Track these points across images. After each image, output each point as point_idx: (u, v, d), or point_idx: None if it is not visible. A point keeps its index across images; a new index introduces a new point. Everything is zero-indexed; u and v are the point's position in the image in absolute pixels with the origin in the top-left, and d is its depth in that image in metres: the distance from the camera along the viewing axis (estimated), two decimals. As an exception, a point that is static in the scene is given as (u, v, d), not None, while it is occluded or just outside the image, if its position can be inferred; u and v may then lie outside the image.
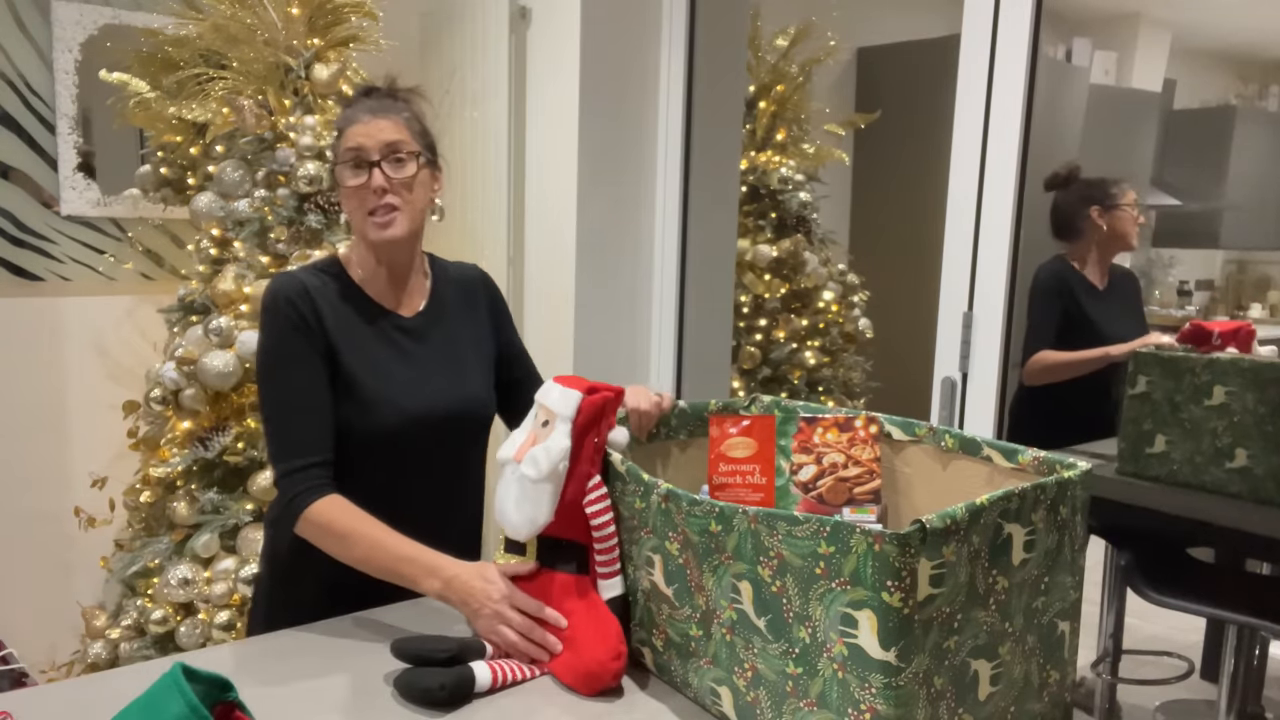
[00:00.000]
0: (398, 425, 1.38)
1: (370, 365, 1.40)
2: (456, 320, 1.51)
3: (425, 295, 1.50)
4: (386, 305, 1.45)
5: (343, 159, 1.38)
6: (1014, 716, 0.96)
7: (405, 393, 1.40)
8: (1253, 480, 1.80)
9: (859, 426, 1.21)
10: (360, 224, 1.39)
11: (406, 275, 1.46)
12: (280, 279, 1.39)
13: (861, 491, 1.21)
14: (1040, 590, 0.97)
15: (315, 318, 1.36)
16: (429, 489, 1.45)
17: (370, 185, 1.36)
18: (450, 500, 1.49)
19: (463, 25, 2.82)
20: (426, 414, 1.41)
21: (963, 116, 1.99)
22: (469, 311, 1.54)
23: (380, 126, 1.38)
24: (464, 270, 1.58)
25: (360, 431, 1.37)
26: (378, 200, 1.36)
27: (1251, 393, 1.79)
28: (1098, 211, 2.71)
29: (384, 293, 1.45)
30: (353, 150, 1.36)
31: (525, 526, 1.13)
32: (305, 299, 1.36)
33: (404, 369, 1.43)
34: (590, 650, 1.09)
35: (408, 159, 1.38)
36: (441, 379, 1.45)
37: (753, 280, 3.41)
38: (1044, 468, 1.06)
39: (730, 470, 1.25)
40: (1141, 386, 1.96)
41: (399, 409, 1.39)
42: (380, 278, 1.44)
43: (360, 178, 1.36)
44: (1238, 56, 5.82)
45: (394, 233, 1.38)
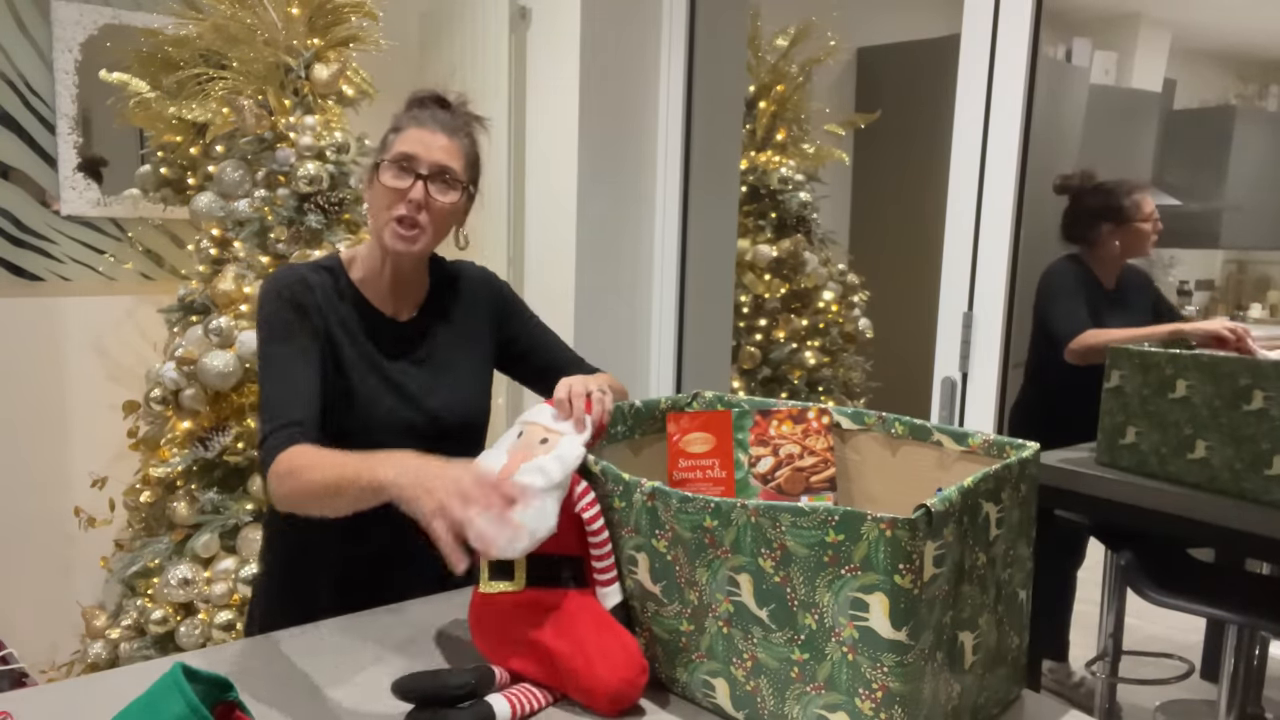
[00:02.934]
0: (387, 431, 1.36)
1: (363, 368, 1.38)
2: (454, 324, 1.50)
3: (422, 299, 1.48)
4: (383, 308, 1.43)
5: (392, 157, 1.35)
6: (986, 681, 1.02)
7: (396, 398, 1.39)
8: (1210, 471, 1.87)
9: (812, 418, 1.26)
10: (381, 225, 1.37)
11: (407, 282, 1.45)
12: (281, 270, 1.39)
13: (818, 480, 1.26)
14: (1007, 562, 1.04)
15: (315, 307, 1.36)
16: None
17: (408, 195, 1.34)
18: None
19: (463, 25, 2.82)
20: (417, 420, 1.40)
21: (963, 116, 1.99)
22: (468, 314, 1.52)
23: (441, 144, 1.37)
24: (465, 271, 1.56)
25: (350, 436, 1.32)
26: (409, 212, 1.35)
27: (1209, 386, 1.85)
28: (1110, 228, 2.69)
29: (382, 296, 1.43)
30: (405, 155, 1.35)
31: (524, 541, 1.06)
32: (305, 288, 1.36)
33: (396, 374, 1.41)
34: (612, 670, 1.04)
35: (453, 186, 1.37)
36: (433, 384, 1.44)
37: (753, 280, 3.41)
38: (994, 449, 1.12)
39: (690, 465, 1.28)
40: (1115, 380, 2.02)
41: (390, 414, 1.38)
42: (381, 280, 1.43)
43: (403, 182, 1.34)
44: (1238, 56, 5.83)
45: (413, 249, 1.37)
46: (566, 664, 1.06)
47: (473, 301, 1.53)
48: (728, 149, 2.79)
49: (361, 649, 1.21)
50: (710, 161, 2.72)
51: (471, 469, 1.04)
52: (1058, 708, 1.10)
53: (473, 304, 1.53)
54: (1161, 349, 1.96)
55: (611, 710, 1.05)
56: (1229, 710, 2.41)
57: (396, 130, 1.39)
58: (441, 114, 1.42)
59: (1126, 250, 2.71)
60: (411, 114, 1.41)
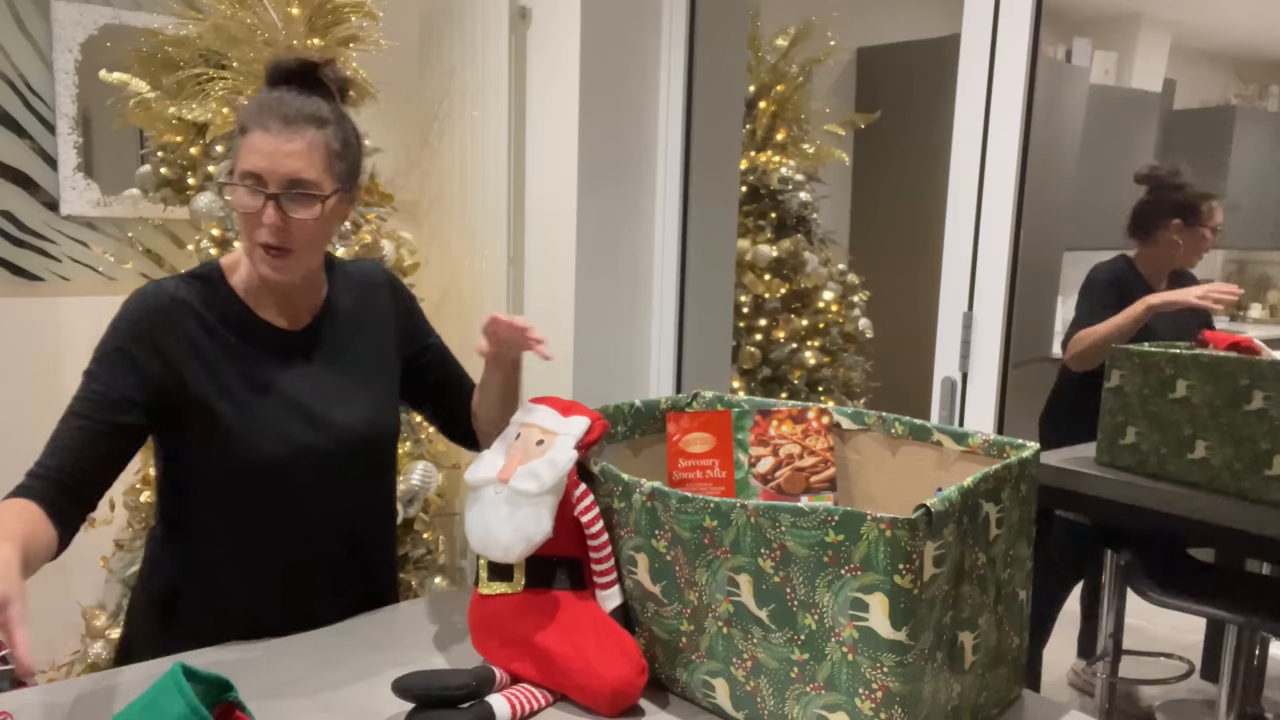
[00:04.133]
0: (275, 454, 1.23)
1: (246, 390, 1.24)
2: (353, 331, 1.36)
3: (317, 305, 1.33)
4: (269, 318, 1.29)
5: (239, 175, 1.18)
6: (986, 681, 1.03)
7: (282, 419, 1.25)
8: (1210, 471, 1.87)
9: (812, 418, 1.26)
10: (247, 248, 1.22)
11: (298, 289, 1.30)
12: (146, 288, 1.25)
13: (818, 480, 1.26)
14: (1007, 562, 1.04)
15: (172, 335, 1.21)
16: (326, 526, 1.31)
17: (261, 218, 1.17)
18: (354, 535, 1.35)
19: (463, 25, 2.82)
20: (317, 440, 1.26)
21: (963, 116, 1.99)
22: (369, 319, 1.38)
23: (287, 149, 1.16)
24: (366, 272, 1.41)
25: (230, 464, 1.23)
26: (270, 239, 1.18)
27: (1209, 386, 1.86)
28: (1179, 226, 2.66)
29: (267, 304, 1.29)
30: (249, 174, 1.17)
31: (520, 545, 1.07)
32: (163, 318, 1.22)
33: (283, 389, 1.27)
34: (611, 669, 1.05)
35: (313, 200, 1.18)
36: (335, 399, 1.30)
37: (753, 280, 3.41)
38: (994, 449, 1.12)
39: (690, 465, 1.28)
40: (1115, 380, 2.03)
41: (275, 434, 1.24)
42: (267, 292, 1.29)
43: (253, 204, 1.17)
44: (1238, 56, 5.82)
45: (285, 277, 1.23)
46: (566, 665, 1.06)
47: (377, 307, 1.39)
48: (728, 149, 2.79)
49: (361, 649, 1.21)
50: (710, 161, 2.72)
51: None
52: (1058, 708, 1.10)
53: (377, 309, 1.39)
54: (1162, 349, 1.96)
55: (611, 710, 1.04)
56: (1229, 710, 2.41)
57: (243, 131, 1.19)
58: (291, 101, 1.20)
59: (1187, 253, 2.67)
60: (254, 114, 1.19)
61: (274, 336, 1.28)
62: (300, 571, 1.31)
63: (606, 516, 1.11)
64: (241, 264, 1.29)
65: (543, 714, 1.06)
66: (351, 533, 1.35)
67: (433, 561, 2.62)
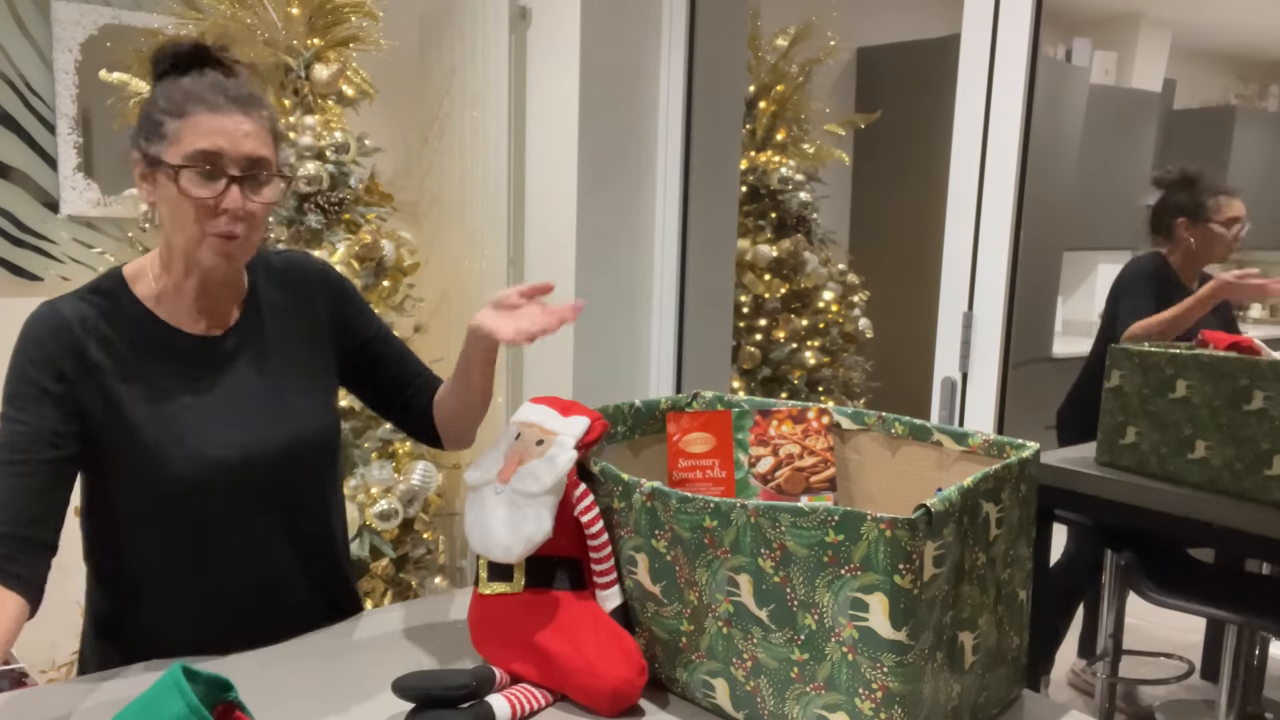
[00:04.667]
0: (199, 472, 1.15)
1: (155, 405, 1.15)
2: (280, 329, 1.26)
3: (238, 306, 1.24)
4: (184, 327, 1.19)
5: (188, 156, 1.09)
6: (986, 681, 1.02)
7: (205, 431, 1.16)
8: (1210, 471, 1.87)
9: (812, 418, 1.26)
10: (192, 241, 1.12)
11: (220, 292, 1.21)
12: (39, 311, 1.15)
13: (818, 480, 1.26)
14: (1007, 562, 1.03)
15: (74, 359, 1.13)
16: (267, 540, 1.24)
17: (222, 204, 1.10)
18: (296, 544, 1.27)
19: (463, 25, 2.82)
20: (239, 453, 1.17)
21: (963, 116, 1.99)
22: (299, 315, 1.28)
23: (243, 129, 1.10)
24: (294, 264, 1.30)
25: (155, 486, 1.15)
26: (226, 225, 1.11)
27: (1209, 386, 1.86)
28: (1185, 223, 2.69)
29: (182, 313, 1.19)
30: (207, 153, 1.09)
31: (520, 545, 1.06)
32: (60, 341, 1.13)
33: (204, 402, 1.18)
34: (612, 669, 1.04)
35: (270, 179, 1.14)
36: (259, 407, 1.21)
37: (753, 280, 3.41)
38: (994, 449, 1.12)
39: (690, 465, 1.28)
40: (1115, 380, 2.03)
41: (196, 452, 1.15)
42: (183, 296, 1.19)
43: (212, 189, 1.10)
44: (1238, 56, 5.83)
45: (235, 265, 1.16)
46: (566, 665, 1.06)
47: (305, 300, 1.30)
48: (728, 149, 2.79)
49: (361, 649, 1.21)
50: (710, 161, 2.72)
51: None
52: (1058, 708, 1.10)
53: (305, 303, 1.30)
54: (1162, 349, 1.96)
55: (611, 710, 1.04)
56: (1229, 710, 2.41)
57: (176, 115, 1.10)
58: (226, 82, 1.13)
59: (1202, 251, 2.70)
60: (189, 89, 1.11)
61: (189, 345, 1.19)
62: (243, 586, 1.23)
63: (606, 516, 1.11)
64: (147, 272, 1.20)
65: (543, 714, 1.06)
66: (294, 541, 1.27)
67: (433, 561, 2.62)
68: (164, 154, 1.10)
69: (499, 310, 1.18)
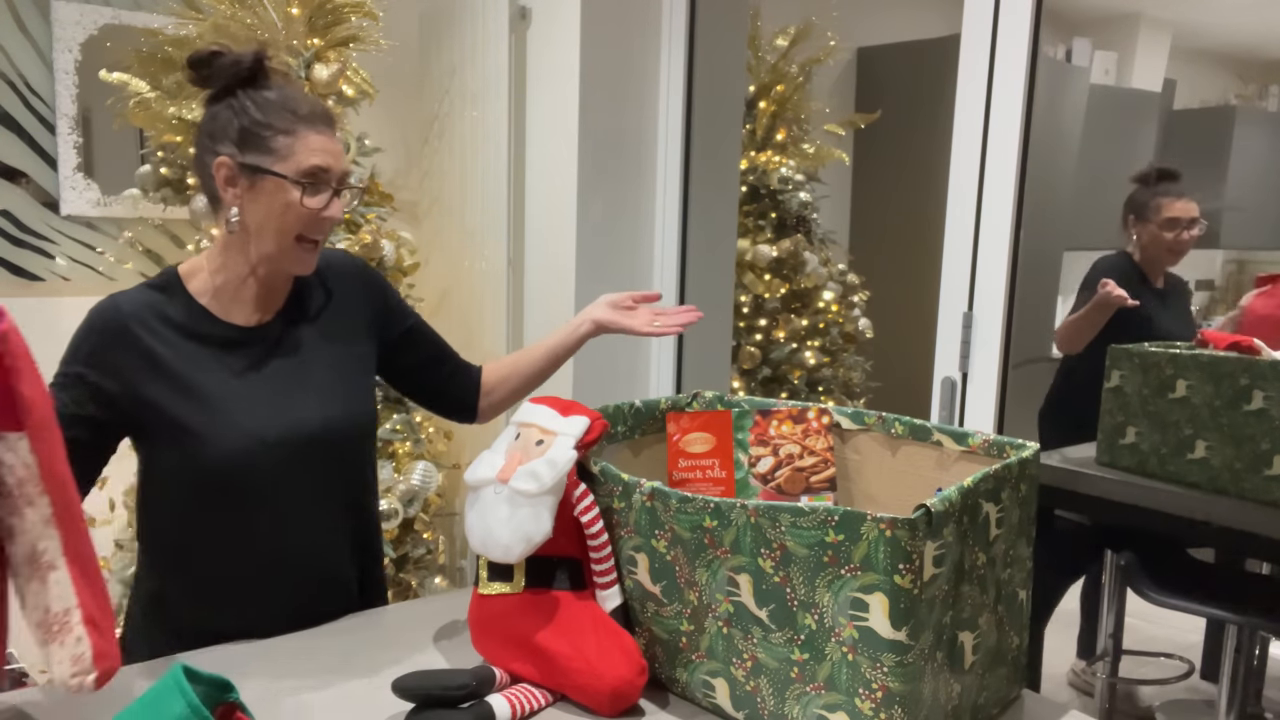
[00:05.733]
0: (243, 451, 1.22)
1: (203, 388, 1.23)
2: (321, 322, 1.35)
3: (282, 300, 1.33)
4: (232, 319, 1.28)
5: (304, 172, 1.22)
6: (986, 681, 1.03)
7: (250, 412, 1.24)
8: (1210, 471, 1.87)
9: (812, 418, 1.26)
10: (281, 247, 1.24)
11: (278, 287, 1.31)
12: (100, 304, 1.24)
13: (818, 480, 1.26)
14: (1007, 562, 1.04)
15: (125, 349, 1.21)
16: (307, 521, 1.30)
17: (323, 213, 1.24)
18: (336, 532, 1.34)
19: (463, 25, 2.82)
20: (282, 432, 1.25)
21: (963, 116, 1.99)
22: (339, 308, 1.37)
23: (337, 148, 1.25)
24: (333, 262, 1.40)
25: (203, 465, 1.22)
26: (319, 232, 1.25)
27: (1209, 386, 1.86)
28: (1133, 221, 2.72)
29: (232, 305, 1.28)
30: (319, 169, 1.23)
31: (520, 545, 1.06)
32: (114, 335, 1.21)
33: (249, 386, 1.26)
34: (612, 669, 1.04)
35: (350, 190, 1.29)
36: (300, 391, 1.29)
37: (753, 280, 3.41)
38: (994, 449, 1.12)
39: (690, 465, 1.28)
40: (1115, 380, 2.03)
41: (242, 431, 1.22)
42: (241, 289, 1.28)
43: (319, 200, 1.23)
44: (1238, 56, 5.83)
45: (312, 267, 1.28)
46: (566, 665, 1.06)
47: (345, 294, 1.39)
48: (728, 149, 2.79)
49: (361, 649, 1.21)
50: (710, 161, 2.72)
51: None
52: (1058, 708, 1.10)
53: (345, 297, 1.39)
54: (1162, 349, 1.96)
55: (611, 710, 1.04)
56: (1229, 710, 2.41)
57: (286, 132, 1.22)
58: (315, 102, 1.27)
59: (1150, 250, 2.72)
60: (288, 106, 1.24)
61: (237, 334, 1.27)
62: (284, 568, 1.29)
63: (606, 516, 1.11)
64: (202, 268, 1.28)
65: (543, 714, 1.06)
66: (333, 526, 1.33)
67: (433, 561, 2.62)
68: (271, 165, 1.22)
69: (616, 309, 1.46)
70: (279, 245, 1.24)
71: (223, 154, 1.23)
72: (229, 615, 1.26)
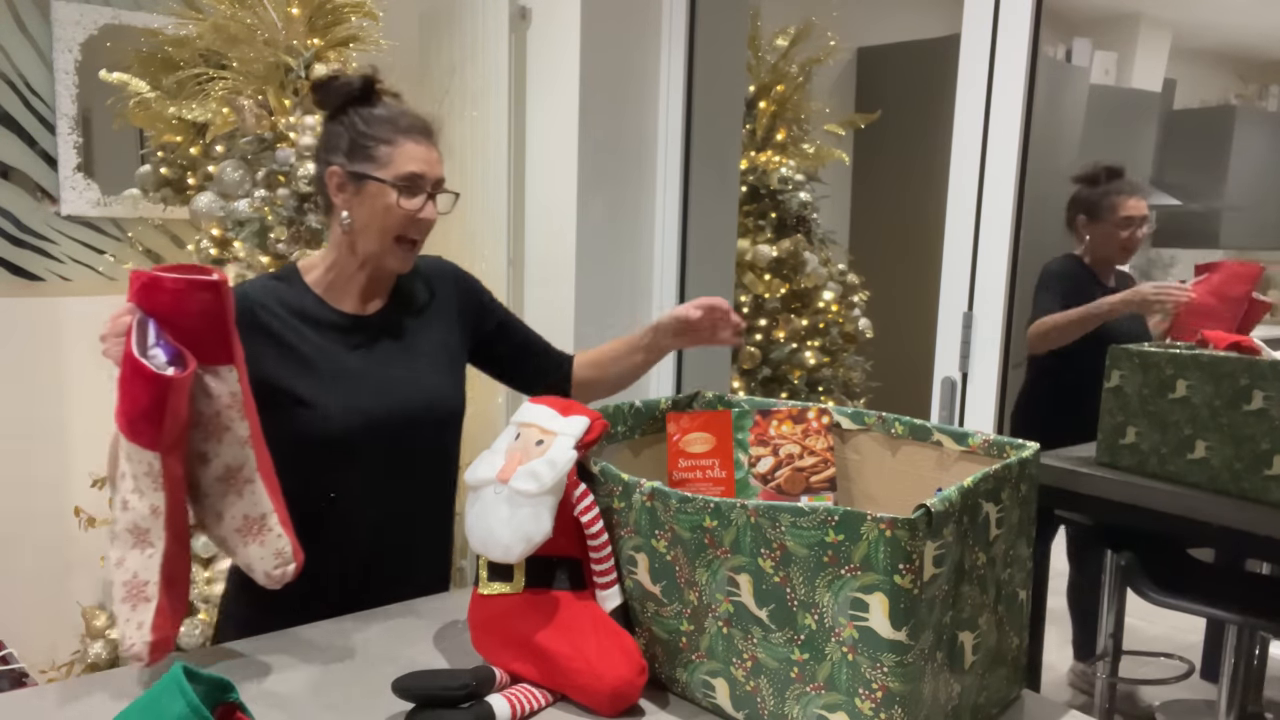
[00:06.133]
0: (344, 424, 1.36)
1: (313, 367, 1.37)
2: (420, 317, 1.50)
3: (387, 294, 1.48)
4: (343, 307, 1.43)
5: (401, 178, 1.36)
6: (986, 681, 1.02)
7: (354, 389, 1.38)
8: (1210, 471, 1.87)
9: (812, 418, 1.27)
10: (383, 245, 1.38)
11: (383, 282, 1.46)
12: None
13: (818, 480, 1.26)
14: (1007, 562, 1.04)
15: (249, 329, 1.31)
16: (397, 498, 1.43)
17: (419, 215, 1.37)
18: (420, 514, 1.48)
19: (463, 25, 2.82)
20: (380, 410, 1.38)
21: (963, 116, 1.99)
22: (436, 307, 1.52)
23: (435, 156, 1.40)
24: (433, 265, 1.56)
25: (308, 436, 1.35)
26: (416, 233, 1.39)
27: (1209, 386, 1.86)
28: (1084, 221, 2.73)
29: (343, 296, 1.43)
30: (415, 175, 1.37)
31: (520, 545, 1.06)
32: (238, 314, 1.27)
33: (353, 367, 1.40)
34: (611, 669, 1.04)
35: (446, 194, 1.42)
36: (397, 376, 1.42)
37: (753, 280, 3.41)
38: (994, 449, 1.12)
39: (690, 465, 1.28)
40: (1115, 380, 2.03)
41: (345, 407, 1.37)
42: (351, 283, 1.43)
43: (415, 203, 1.37)
44: (1238, 56, 5.83)
45: (410, 265, 1.42)
46: (566, 664, 1.06)
47: (442, 294, 1.54)
48: (728, 149, 2.79)
49: (361, 649, 1.21)
50: (710, 161, 2.72)
51: None
52: (1058, 708, 1.10)
53: (443, 295, 1.54)
54: (1162, 349, 1.96)
55: (611, 710, 1.04)
56: (1229, 710, 2.41)
57: (388, 143, 1.38)
58: (417, 114, 1.43)
59: (1101, 249, 2.73)
60: (391, 119, 1.40)
61: (345, 321, 1.42)
62: (373, 543, 1.40)
63: (606, 516, 1.11)
64: (318, 265, 1.44)
65: (543, 714, 1.06)
66: (418, 507, 1.45)
67: (433, 561, 2.62)
68: (374, 172, 1.37)
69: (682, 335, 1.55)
70: (381, 244, 1.38)
71: (334, 164, 1.39)
72: (321, 589, 1.35)
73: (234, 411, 1.12)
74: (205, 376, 1.11)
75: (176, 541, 1.10)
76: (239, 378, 1.12)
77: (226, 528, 1.14)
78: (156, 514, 1.08)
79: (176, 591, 1.11)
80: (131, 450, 1.09)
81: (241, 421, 1.13)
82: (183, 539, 1.12)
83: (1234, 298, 2.44)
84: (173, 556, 1.10)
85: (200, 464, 1.13)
